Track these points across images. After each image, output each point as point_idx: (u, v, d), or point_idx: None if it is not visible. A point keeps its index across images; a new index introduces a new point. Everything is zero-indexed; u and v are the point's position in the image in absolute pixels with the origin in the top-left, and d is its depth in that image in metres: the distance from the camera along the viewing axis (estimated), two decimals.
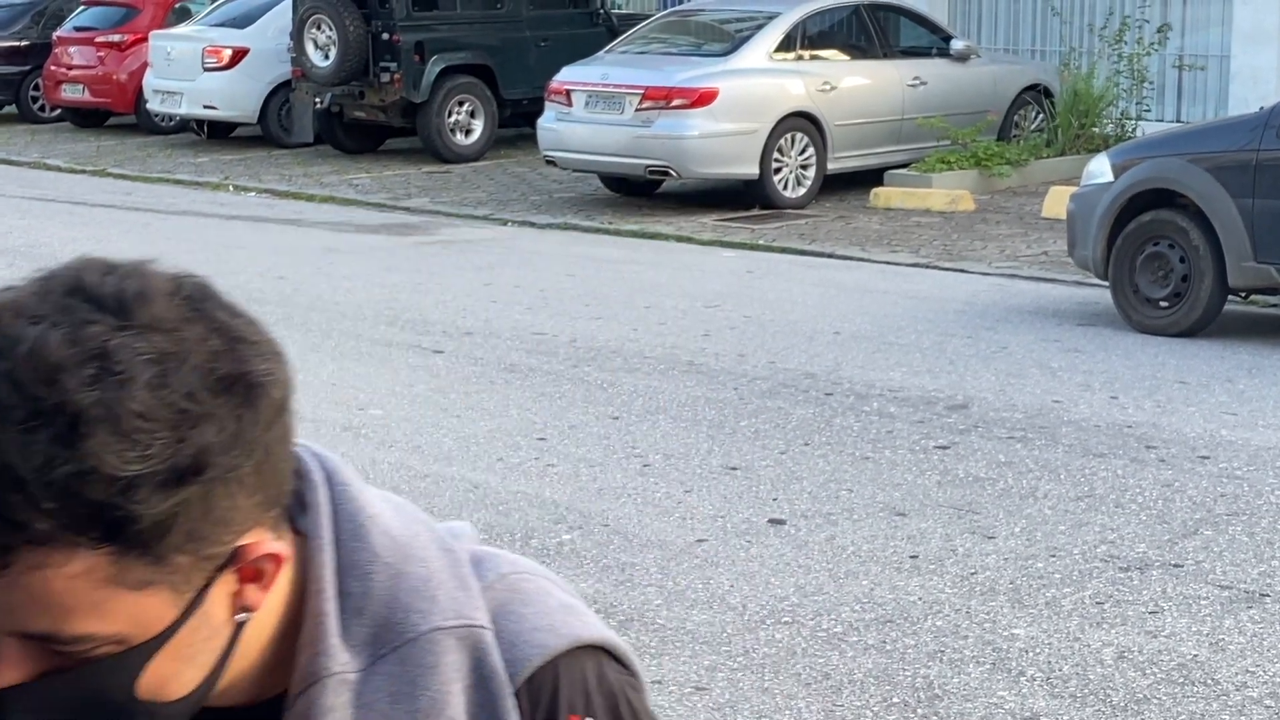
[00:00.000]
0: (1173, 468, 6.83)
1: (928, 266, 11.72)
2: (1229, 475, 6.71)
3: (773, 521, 6.22)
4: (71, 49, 20.59)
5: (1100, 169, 9.92)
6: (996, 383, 8.24)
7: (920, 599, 5.43)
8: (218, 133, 19.59)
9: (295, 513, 1.20)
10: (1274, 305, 10.04)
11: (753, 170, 14.10)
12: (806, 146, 14.41)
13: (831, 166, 14.62)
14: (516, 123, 17.89)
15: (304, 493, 1.21)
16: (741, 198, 14.35)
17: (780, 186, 14.31)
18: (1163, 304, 9.45)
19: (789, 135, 14.27)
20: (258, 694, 1.20)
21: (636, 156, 14.01)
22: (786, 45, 14.52)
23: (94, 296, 1.06)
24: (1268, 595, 5.47)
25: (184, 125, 19.85)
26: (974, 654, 5.00)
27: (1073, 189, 10.60)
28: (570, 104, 14.46)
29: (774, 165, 14.21)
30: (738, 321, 9.79)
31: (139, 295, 1.06)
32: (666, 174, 14.18)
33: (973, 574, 5.66)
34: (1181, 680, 4.86)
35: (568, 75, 14.75)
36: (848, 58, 15.10)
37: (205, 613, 1.11)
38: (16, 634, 1.06)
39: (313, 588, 1.18)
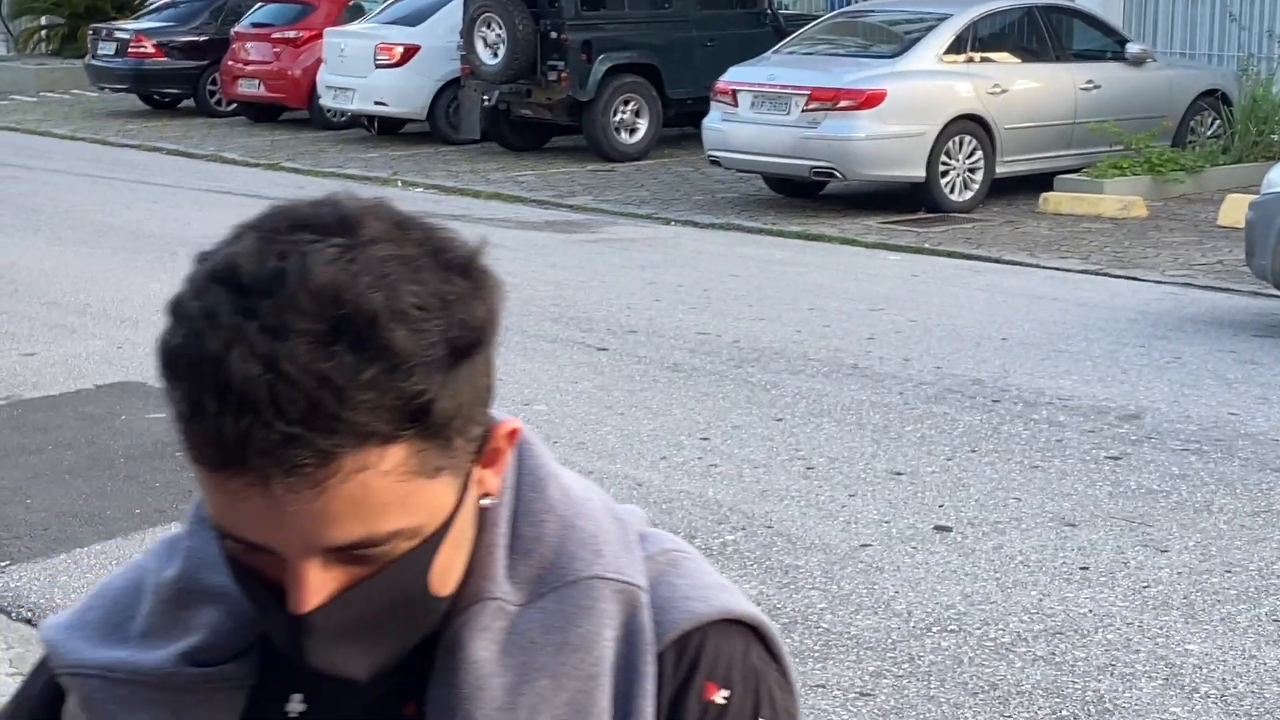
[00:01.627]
0: None
1: (1098, 274, 11.53)
2: None
3: (939, 528, 6.16)
4: (248, 45, 21.04)
5: None
6: (1170, 393, 8.08)
7: (1091, 611, 5.34)
8: (387, 129, 19.88)
9: None
10: None
11: (919, 173, 13.98)
12: (975, 150, 14.25)
13: (1000, 170, 14.45)
14: (681, 122, 17.93)
15: None
16: (907, 200, 14.23)
17: (947, 190, 14.16)
18: None
19: (957, 138, 14.12)
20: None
21: (801, 158, 13.95)
22: (956, 47, 14.37)
23: (316, 226, 1.12)
24: None
25: (355, 121, 20.17)
26: (1146, 669, 4.90)
27: (1251, 197, 10.35)
28: (736, 104, 14.45)
29: (941, 168, 14.07)
30: (903, 325, 9.71)
31: (352, 218, 1.13)
32: (831, 175, 14.11)
33: (1145, 587, 5.55)
34: None
35: (734, 75, 14.74)
36: (1019, 60, 14.90)
37: (470, 497, 1.19)
38: (326, 549, 1.11)
39: (488, 526, 1.23)
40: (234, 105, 21.85)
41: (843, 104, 13.79)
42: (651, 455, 7.10)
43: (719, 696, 1.25)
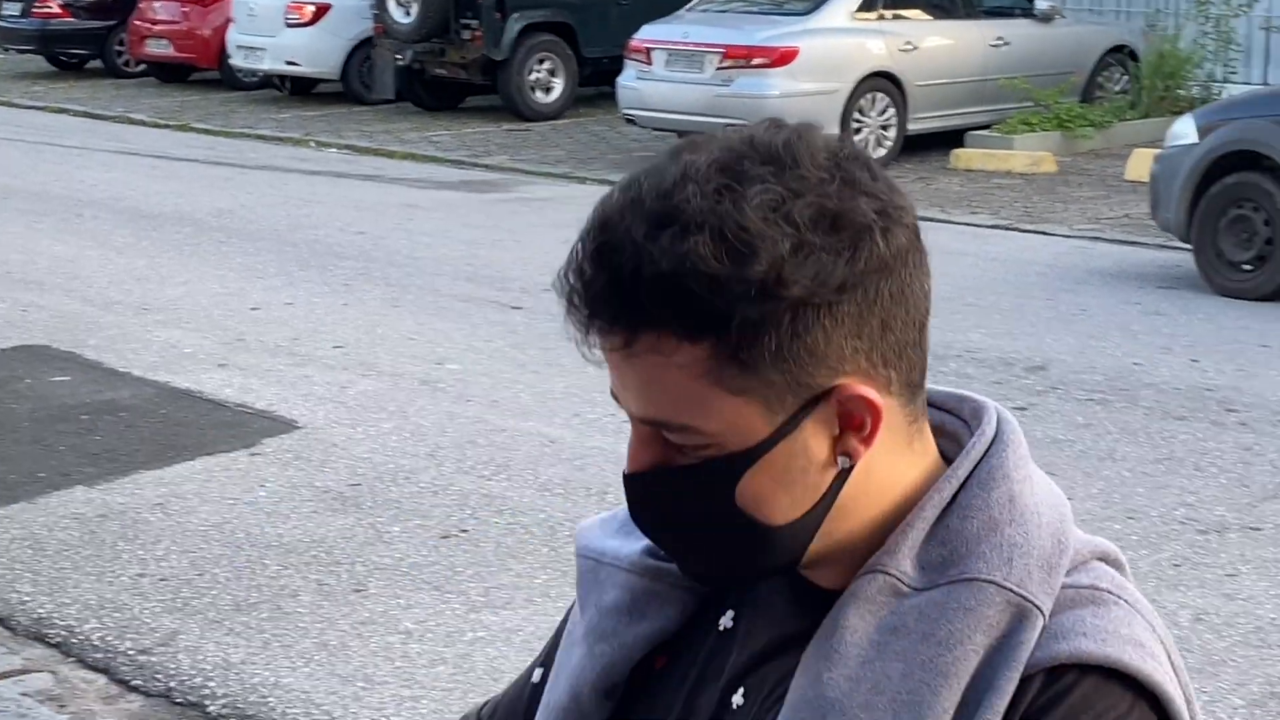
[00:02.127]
0: (1254, 431, 6.76)
1: (1008, 228, 11.64)
2: None
3: None
4: (156, 4, 20.75)
5: (1185, 130, 9.80)
6: (1076, 345, 8.18)
7: None
8: (300, 89, 19.70)
9: (951, 449, 1.31)
10: None
11: (833, 130, 13.94)
12: (887, 107, 14.31)
13: (912, 127, 14.52)
14: (596, 81, 17.87)
15: (970, 435, 1.31)
16: None
17: (860, 147, 14.19)
18: (1246, 267, 9.34)
19: (870, 95, 14.18)
20: (845, 582, 1.28)
21: (716, 115, 13.90)
22: (868, 5, 14.40)
23: (757, 144, 1.22)
24: None
25: (266, 81, 19.96)
26: None
27: (1157, 151, 10.48)
28: (650, 63, 14.43)
29: (854, 125, 14.13)
30: None
31: (789, 146, 1.22)
32: None
33: None
34: (1259, 643, 4.82)
35: (648, 33, 14.71)
36: (930, 18, 14.97)
37: (802, 442, 1.23)
38: (641, 419, 1.25)
39: (919, 506, 1.27)
40: (142, 66, 21.55)
41: (756, 62, 13.81)
42: (565, 413, 7.11)
43: None
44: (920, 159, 14.43)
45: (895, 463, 1.27)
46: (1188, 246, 9.74)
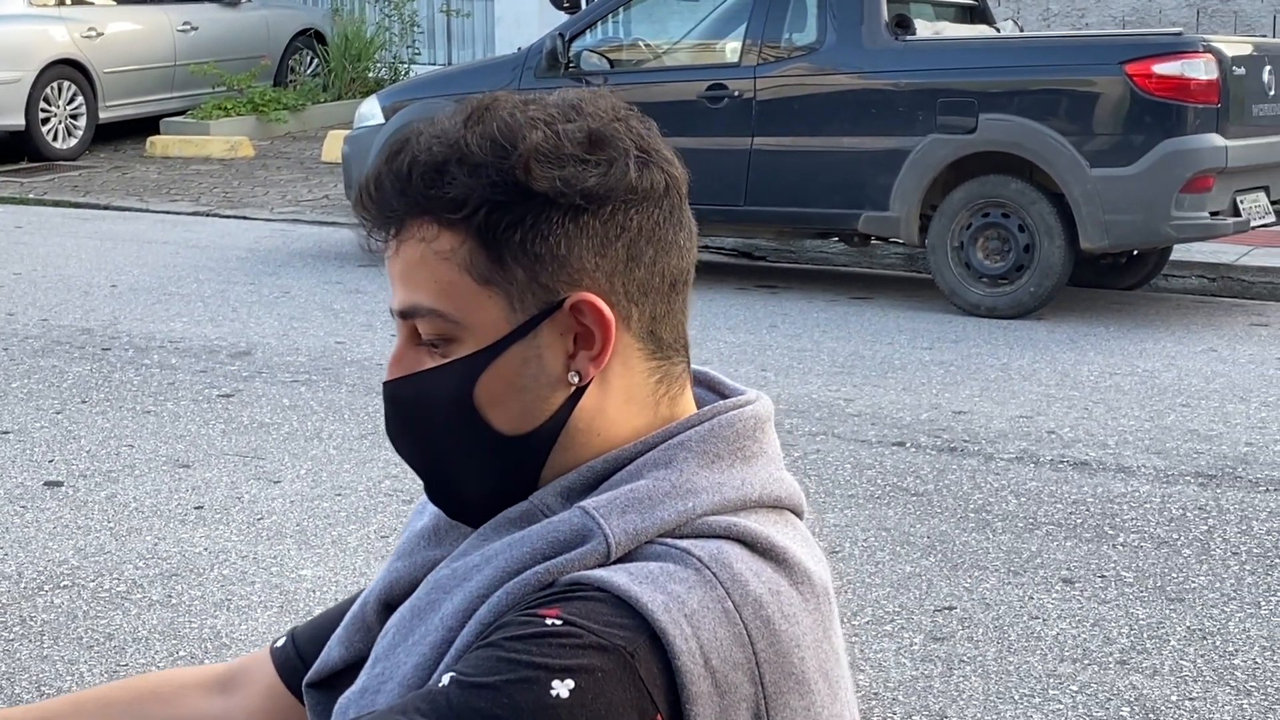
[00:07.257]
0: None
1: (209, 215, 11.57)
2: None
3: (49, 484, 5.98)
4: None
5: (371, 111, 10.08)
6: (280, 327, 8.25)
7: (206, 550, 5.37)
8: None
9: (683, 404, 1.37)
10: None
11: (18, 121, 13.45)
12: (75, 95, 13.86)
13: (104, 115, 14.16)
14: None
15: (709, 402, 1.38)
16: (9, 150, 13.64)
17: (50, 137, 13.72)
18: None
19: (56, 84, 13.68)
20: None
21: None
22: None
23: (561, 94, 1.34)
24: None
25: None
26: (261, 599, 4.99)
27: (347, 132, 10.71)
28: None
29: (41, 115, 13.60)
30: (6, 280, 9.31)
31: (583, 97, 1.33)
32: None
33: (259, 520, 5.64)
34: None
35: None
36: (113, 3, 14.61)
37: (537, 349, 1.31)
38: (397, 311, 1.33)
39: (603, 461, 1.33)
40: None
41: None
42: None
43: (550, 619, 1.22)
44: (115, 147, 14.09)
45: (632, 413, 1.33)
46: None
